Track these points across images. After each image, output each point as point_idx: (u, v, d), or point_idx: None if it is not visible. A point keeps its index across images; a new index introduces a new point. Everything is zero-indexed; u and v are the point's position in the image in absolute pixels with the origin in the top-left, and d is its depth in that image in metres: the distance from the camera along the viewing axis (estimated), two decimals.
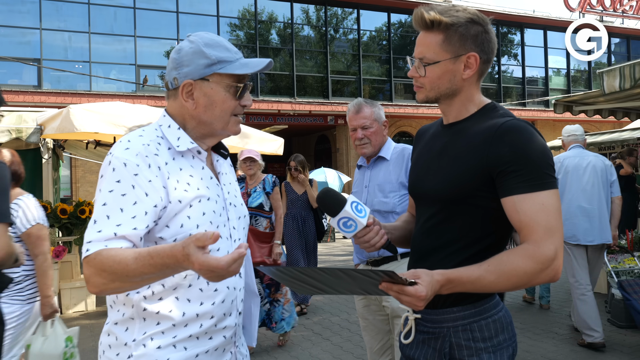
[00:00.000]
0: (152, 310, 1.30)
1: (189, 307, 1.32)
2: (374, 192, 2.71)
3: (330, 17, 19.49)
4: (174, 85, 1.38)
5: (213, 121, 1.38)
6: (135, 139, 1.32)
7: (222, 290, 1.38)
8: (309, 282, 1.29)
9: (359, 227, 1.45)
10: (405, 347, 1.50)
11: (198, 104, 1.37)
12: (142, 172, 1.27)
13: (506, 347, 1.39)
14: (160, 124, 1.40)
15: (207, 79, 1.35)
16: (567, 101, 6.96)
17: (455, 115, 1.47)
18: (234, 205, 1.48)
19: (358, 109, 2.82)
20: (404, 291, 1.18)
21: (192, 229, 1.31)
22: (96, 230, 1.22)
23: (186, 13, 17.17)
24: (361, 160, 2.92)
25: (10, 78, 15.50)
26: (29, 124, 5.97)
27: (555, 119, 20.74)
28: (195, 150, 1.39)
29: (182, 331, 1.32)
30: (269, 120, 18.61)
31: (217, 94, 1.36)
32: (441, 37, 1.39)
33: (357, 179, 2.92)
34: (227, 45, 1.39)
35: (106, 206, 1.24)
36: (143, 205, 1.25)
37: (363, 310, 2.78)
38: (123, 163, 1.26)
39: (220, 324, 1.38)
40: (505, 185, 1.30)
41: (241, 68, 1.36)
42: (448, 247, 1.40)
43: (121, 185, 1.25)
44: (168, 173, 1.31)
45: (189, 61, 1.35)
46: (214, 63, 1.34)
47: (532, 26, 22.00)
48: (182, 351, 1.31)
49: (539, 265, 1.25)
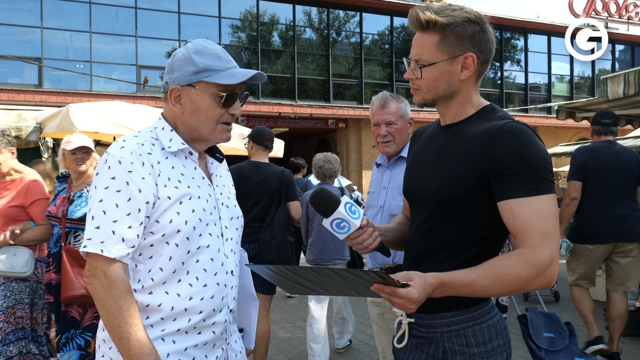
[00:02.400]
0: (142, 303, 1.35)
1: (178, 302, 1.36)
2: (393, 194, 2.56)
3: (333, 19, 19.52)
4: (165, 89, 1.45)
5: (199, 127, 1.43)
6: (130, 139, 1.40)
7: (212, 286, 1.41)
8: (300, 282, 1.27)
9: (352, 228, 1.43)
10: (399, 351, 1.49)
11: (185, 109, 1.42)
12: (136, 169, 1.34)
13: (500, 352, 1.37)
14: (156, 126, 1.47)
15: (193, 85, 1.40)
16: (570, 107, 6.94)
17: (452, 117, 1.44)
18: (227, 205, 1.53)
19: (383, 103, 2.62)
20: (395, 293, 1.16)
21: (180, 224, 1.36)
22: (94, 227, 1.31)
23: (188, 14, 17.20)
24: (381, 158, 2.76)
25: (11, 77, 15.52)
26: (28, 123, 5.97)
27: (557, 125, 20.72)
28: (187, 152, 1.45)
29: (171, 325, 1.36)
30: (270, 122, 18.60)
31: (202, 101, 1.41)
32: (437, 37, 1.36)
33: (374, 178, 2.75)
34: (220, 53, 1.43)
35: (102, 202, 1.32)
36: (136, 202, 1.32)
37: (377, 318, 2.75)
38: (118, 161, 1.33)
39: (209, 319, 1.41)
40: (503, 188, 1.27)
41: (227, 78, 1.39)
42: (443, 250, 1.37)
43: (116, 182, 1.32)
44: (160, 171, 1.37)
45: (178, 67, 1.41)
46: (201, 71, 1.39)
47: (536, 32, 22.02)
48: (171, 344, 1.36)
49: (534, 270, 1.23)
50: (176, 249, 1.36)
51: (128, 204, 1.31)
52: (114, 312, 1.28)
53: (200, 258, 1.39)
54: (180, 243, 1.36)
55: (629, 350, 4.40)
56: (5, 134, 3.54)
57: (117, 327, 1.28)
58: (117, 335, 1.29)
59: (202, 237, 1.40)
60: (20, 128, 5.89)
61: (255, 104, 17.81)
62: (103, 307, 1.30)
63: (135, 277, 1.37)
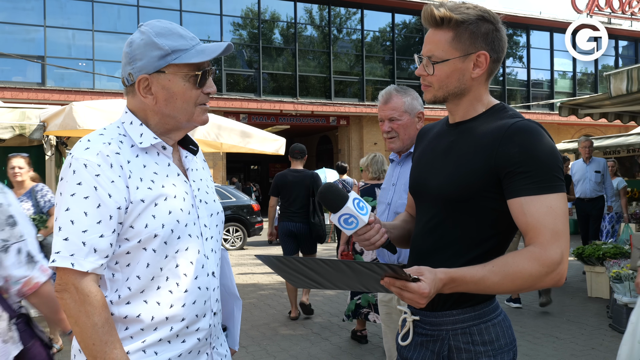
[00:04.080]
0: (120, 314, 1.26)
1: (158, 310, 1.28)
2: (400, 192, 2.51)
3: (334, 17, 19.48)
4: (130, 81, 1.32)
5: (176, 114, 1.32)
6: (95, 138, 1.28)
7: (193, 291, 1.33)
8: (307, 275, 1.26)
9: (360, 224, 1.41)
10: (403, 349, 1.48)
11: (158, 98, 1.31)
12: (104, 172, 1.22)
13: (507, 351, 1.37)
14: (123, 121, 1.35)
15: (163, 71, 1.29)
16: (573, 104, 6.93)
17: (462, 115, 1.44)
18: (205, 202, 1.42)
19: (387, 98, 2.55)
20: (406, 287, 1.15)
21: (157, 228, 1.26)
22: (62, 238, 1.19)
23: (189, 12, 17.20)
24: (393, 154, 2.70)
25: (14, 75, 15.55)
26: (32, 121, 5.97)
27: (560, 122, 20.68)
28: (160, 146, 1.34)
29: (152, 335, 1.27)
30: (271, 120, 18.59)
31: (175, 86, 1.30)
32: (451, 34, 1.36)
33: (388, 174, 2.72)
34: (181, 31, 1.32)
35: (69, 211, 1.20)
36: (107, 209, 1.21)
37: (385, 317, 2.73)
38: (83, 164, 1.22)
39: (193, 326, 1.33)
40: (513, 186, 1.27)
41: (197, 56, 1.29)
42: (450, 248, 1.37)
43: (83, 187, 1.21)
44: (130, 172, 1.26)
45: (141, 54, 1.29)
46: (168, 54, 1.28)
47: (538, 28, 21.95)
48: (153, 356, 1.27)
49: (544, 268, 1.23)
50: (153, 254, 1.26)
51: (98, 211, 1.20)
52: (87, 329, 1.19)
53: (179, 262, 1.30)
54: (158, 248, 1.27)
55: None
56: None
57: (91, 346, 1.19)
58: (92, 354, 1.20)
59: (181, 240, 1.30)
60: (24, 126, 5.89)
61: (257, 101, 17.80)
62: (76, 324, 1.20)
63: (113, 287, 1.27)
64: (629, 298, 4.76)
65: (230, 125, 6.41)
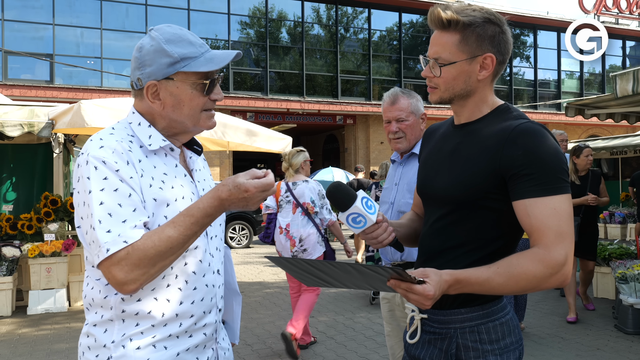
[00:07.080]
0: (131, 311, 1.28)
1: (168, 307, 1.30)
2: (403, 191, 2.55)
3: (341, 16, 19.47)
4: (138, 85, 1.34)
5: (183, 120, 1.34)
6: (107, 137, 1.29)
7: (201, 288, 1.36)
8: (316, 275, 1.28)
9: (368, 223, 1.43)
10: (411, 346, 1.50)
11: (165, 104, 1.33)
12: (122, 168, 1.24)
13: (513, 350, 1.38)
14: (130, 122, 1.36)
15: (171, 78, 1.30)
16: (579, 104, 6.89)
17: (467, 116, 1.45)
18: None
19: (394, 99, 2.60)
20: (412, 289, 1.17)
21: None
22: (105, 230, 1.19)
23: (197, 10, 17.25)
24: (395, 155, 2.75)
25: (23, 73, 15.66)
26: (40, 119, 6.02)
27: (566, 122, 20.58)
28: (168, 148, 1.36)
29: (162, 331, 1.30)
30: (278, 118, 18.62)
31: (183, 93, 1.32)
32: (458, 37, 1.37)
33: (389, 174, 2.76)
34: (191, 38, 1.33)
35: (104, 205, 1.20)
36: (136, 198, 1.23)
37: (388, 315, 2.74)
38: (102, 161, 1.23)
39: (200, 322, 1.37)
40: (518, 188, 1.28)
41: (206, 64, 1.31)
42: (457, 248, 1.39)
43: (109, 181, 1.22)
44: (142, 170, 1.28)
45: (151, 60, 1.30)
46: (177, 61, 1.29)
47: (545, 28, 21.85)
48: (162, 351, 1.30)
49: (548, 269, 1.24)
50: None
51: (130, 200, 1.22)
52: (169, 245, 1.20)
53: (188, 261, 1.34)
54: None
55: (638, 349, 4.39)
56: None
57: (182, 240, 1.22)
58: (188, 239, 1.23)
59: None
60: (32, 124, 5.94)
61: (264, 100, 17.83)
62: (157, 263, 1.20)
63: None
64: (635, 299, 4.75)
65: (236, 123, 6.44)
